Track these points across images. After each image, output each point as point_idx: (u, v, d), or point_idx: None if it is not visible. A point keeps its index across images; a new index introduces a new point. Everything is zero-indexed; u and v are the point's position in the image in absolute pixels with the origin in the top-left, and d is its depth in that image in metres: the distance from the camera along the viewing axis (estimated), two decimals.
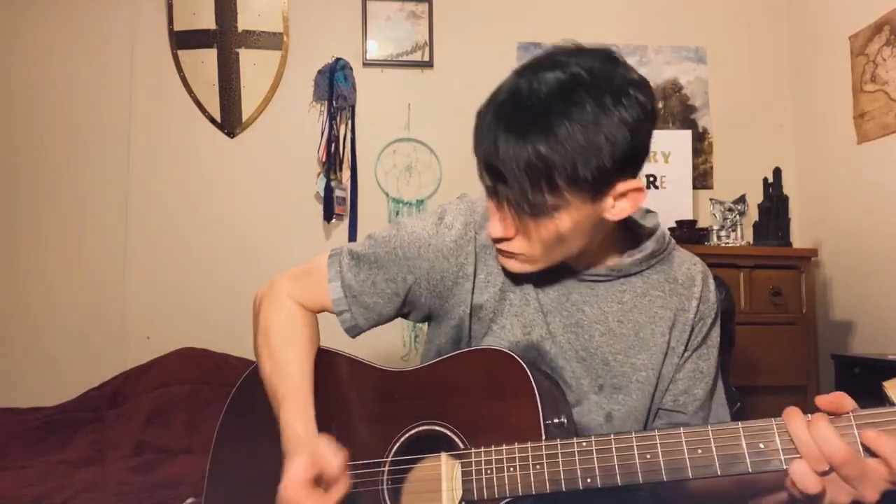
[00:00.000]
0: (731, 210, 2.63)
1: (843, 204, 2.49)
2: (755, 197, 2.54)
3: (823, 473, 0.63)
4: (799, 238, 2.67)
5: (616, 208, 0.83)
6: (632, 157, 0.80)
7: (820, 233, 2.61)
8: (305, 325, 0.99)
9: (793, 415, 0.66)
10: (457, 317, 0.97)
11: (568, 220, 0.81)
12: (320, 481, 0.81)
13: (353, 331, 1.01)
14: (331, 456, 0.81)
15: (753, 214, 2.57)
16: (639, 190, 0.83)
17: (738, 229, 2.58)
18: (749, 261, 2.28)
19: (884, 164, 2.27)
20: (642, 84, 0.81)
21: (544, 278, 0.94)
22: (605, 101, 0.76)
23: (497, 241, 0.87)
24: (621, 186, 0.81)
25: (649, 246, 0.94)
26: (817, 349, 2.32)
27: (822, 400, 0.65)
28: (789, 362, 2.23)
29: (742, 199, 2.64)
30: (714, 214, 2.66)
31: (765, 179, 2.47)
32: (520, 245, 0.86)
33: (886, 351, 2.10)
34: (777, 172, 2.44)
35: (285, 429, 0.88)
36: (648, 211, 1.00)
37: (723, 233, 2.54)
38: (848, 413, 0.64)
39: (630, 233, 0.98)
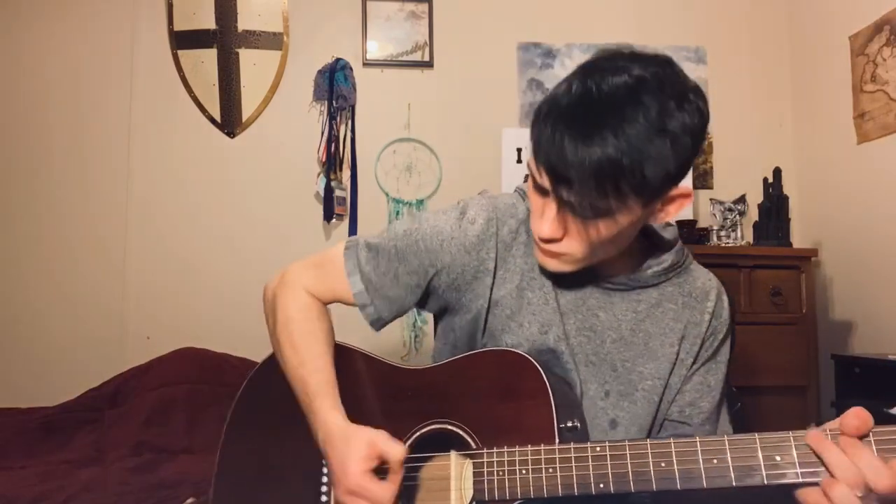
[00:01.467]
0: (731, 210, 2.63)
1: (843, 204, 2.49)
2: (755, 197, 2.54)
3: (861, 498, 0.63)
4: (799, 238, 2.66)
5: (664, 212, 0.85)
6: (690, 164, 0.81)
7: (820, 233, 2.61)
8: (323, 319, 0.99)
9: (821, 440, 0.65)
10: (474, 310, 0.96)
11: (624, 222, 0.81)
12: (377, 470, 0.80)
13: (378, 324, 1.00)
14: (393, 443, 0.80)
15: (753, 214, 2.57)
16: (687, 196, 0.84)
17: (738, 229, 2.58)
18: (749, 261, 2.27)
19: (884, 164, 2.27)
20: (699, 90, 0.81)
21: (564, 280, 0.94)
22: (669, 105, 0.76)
23: (545, 241, 0.86)
24: (672, 192, 0.82)
25: (668, 259, 0.95)
26: (817, 349, 2.32)
27: (848, 425, 0.64)
28: (789, 362, 2.23)
29: (742, 199, 2.64)
30: (714, 214, 2.66)
31: (765, 179, 2.47)
32: (568, 246, 0.85)
33: (886, 351, 2.10)
34: (777, 172, 2.44)
35: (325, 421, 0.85)
36: (668, 224, 0.99)
37: (723, 233, 2.54)
38: (868, 432, 0.64)
39: (649, 242, 0.99)
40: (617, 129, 0.74)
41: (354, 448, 0.79)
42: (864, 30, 2.36)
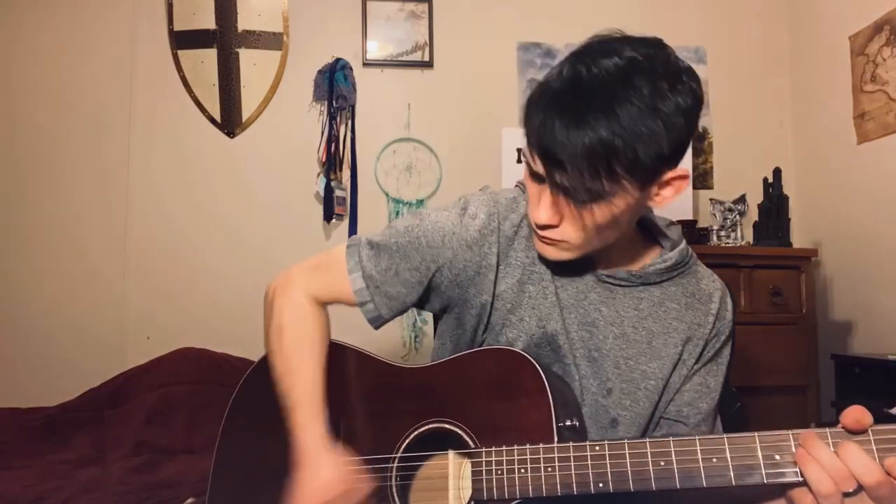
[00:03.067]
0: (731, 210, 2.63)
1: (843, 204, 2.49)
2: (755, 197, 2.54)
3: (847, 494, 0.63)
4: (799, 238, 2.66)
5: (660, 196, 0.84)
6: (684, 145, 0.80)
7: (820, 233, 2.61)
8: (318, 325, 0.98)
9: (813, 439, 0.65)
10: (478, 305, 0.96)
11: (620, 206, 0.80)
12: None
13: (377, 321, 0.99)
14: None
15: (753, 214, 2.57)
16: (684, 178, 0.83)
17: (738, 229, 2.58)
18: (749, 261, 2.27)
19: (884, 164, 2.27)
20: (692, 72, 0.81)
21: (565, 273, 0.94)
22: (662, 86, 0.76)
23: (542, 227, 0.86)
24: (668, 174, 0.81)
25: (672, 257, 0.94)
26: (817, 349, 2.32)
27: (847, 417, 0.65)
28: (789, 362, 2.23)
29: (742, 199, 2.64)
30: (714, 214, 2.66)
31: (765, 179, 2.47)
32: (565, 232, 0.84)
33: (886, 351, 2.10)
34: (777, 172, 2.44)
35: (301, 435, 0.88)
36: (672, 223, 1.00)
37: (723, 233, 2.54)
38: (867, 430, 0.64)
39: (653, 241, 0.99)
40: (607, 111, 0.74)
41: (322, 473, 0.85)
42: (864, 30, 2.36)
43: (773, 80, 2.81)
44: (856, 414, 0.64)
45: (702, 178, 2.75)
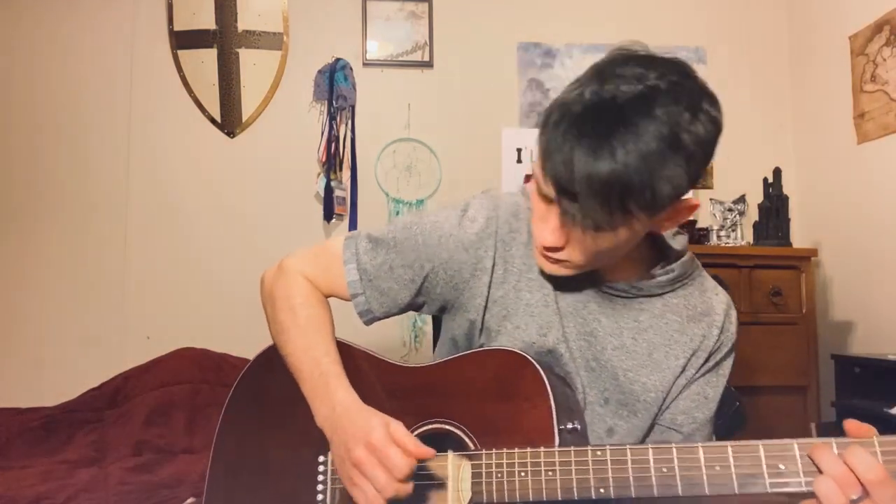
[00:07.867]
0: (731, 210, 2.63)
1: (843, 204, 2.49)
2: (755, 197, 2.54)
3: (853, 501, 0.62)
4: (799, 238, 2.66)
5: (669, 223, 0.82)
6: (700, 175, 0.77)
7: (820, 233, 2.61)
8: (325, 306, 0.99)
9: (819, 447, 0.65)
10: (472, 309, 0.95)
11: (626, 234, 0.79)
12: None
13: (366, 315, 0.99)
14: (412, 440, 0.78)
15: (753, 214, 2.57)
16: (693, 207, 0.80)
17: (738, 229, 2.58)
18: (749, 261, 2.28)
19: (884, 164, 2.27)
20: (713, 98, 0.77)
21: (564, 282, 0.92)
22: (683, 118, 0.72)
23: (547, 248, 0.84)
24: (680, 204, 0.79)
25: (675, 269, 0.93)
26: (817, 349, 2.32)
27: (850, 424, 0.65)
28: (789, 362, 2.23)
29: (742, 199, 2.65)
30: (714, 214, 2.66)
31: (765, 179, 2.47)
32: (569, 254, 0.83)
33: (886, 351, 2.10)
34: (777, 172, 2.44)
35: (343, 399, 0.85)
36: (678, 231, 0.97)
37: (723, 233, 2.54)
38: (872, 439, 0.64)
39: (657, 251, 0.96)
40: (628, 145, 0.70)
41: (384, 418, 0.79)
42: (863, 30, 2.36)
43: (773, 80, 2.81)
44: (861, 428, 0.64)
45: (702, 178, 2.75)
